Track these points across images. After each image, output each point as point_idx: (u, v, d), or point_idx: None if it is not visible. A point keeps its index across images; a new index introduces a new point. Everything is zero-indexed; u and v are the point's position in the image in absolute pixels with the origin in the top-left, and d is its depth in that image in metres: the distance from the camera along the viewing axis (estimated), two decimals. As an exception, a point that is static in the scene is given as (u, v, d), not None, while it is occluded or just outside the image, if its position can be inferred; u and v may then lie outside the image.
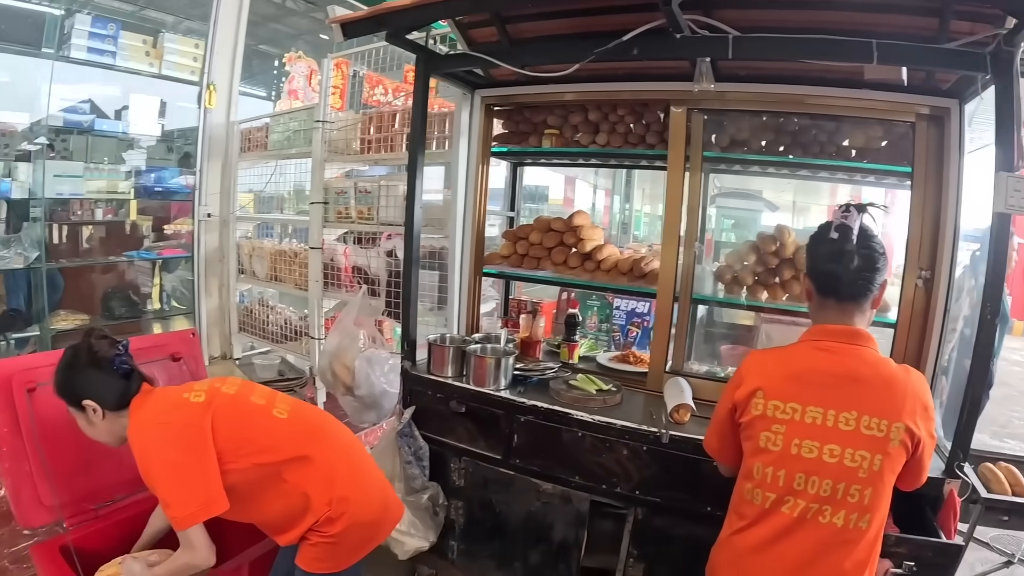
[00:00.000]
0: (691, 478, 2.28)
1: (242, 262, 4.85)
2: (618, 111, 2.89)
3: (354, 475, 2.01)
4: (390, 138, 3.64)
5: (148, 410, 1.89)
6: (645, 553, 2.44)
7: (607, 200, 8.65)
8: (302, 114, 4.23)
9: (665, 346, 2.74)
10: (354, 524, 1.93)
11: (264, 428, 1.94)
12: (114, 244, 5.28)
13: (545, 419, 2.52)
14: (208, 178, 4.76)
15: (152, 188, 4.97)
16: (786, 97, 2.50)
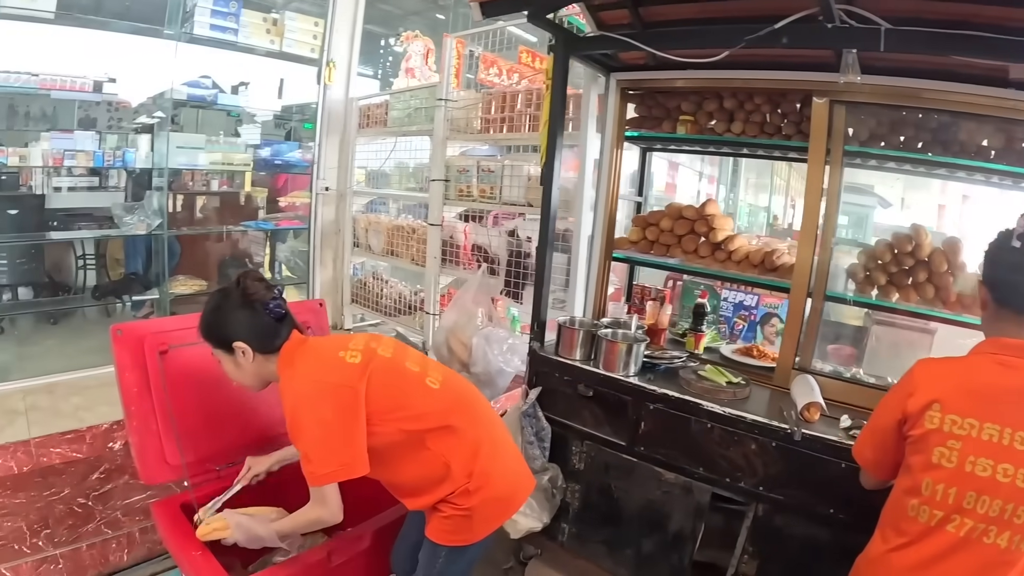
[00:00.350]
0: (817, 478, 2.23)
1: (357, 235, 4.95)
2: (754, 99, 2.82)
3: (496, 449, 2.00)
4: (512, 118, 3.64)
5: (303, 364, 1.89)
6: (760, 550, 2.40)
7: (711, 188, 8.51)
8: (423, 92, 4.27)
9: (796, 342, 2.67)
10: (490, 498, 1.93)
11: (417, 395, 1.93)
12: (228, 214, 5.47)
13: (675, 408, 2.49)
14: (326, 153, 4.86)
15: (271, 161, 5.11)
16: (929, 93, 2.39)
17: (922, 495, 1.54)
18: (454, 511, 1.90)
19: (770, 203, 9.09)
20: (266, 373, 1.97)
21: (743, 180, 8.18)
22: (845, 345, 3.90)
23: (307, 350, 1.93)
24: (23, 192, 4.89)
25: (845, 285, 2.75)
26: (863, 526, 2.15)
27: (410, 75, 5.19)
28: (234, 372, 1.99)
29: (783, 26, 2.17)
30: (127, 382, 2.22)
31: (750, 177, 8.48)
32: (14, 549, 2.67)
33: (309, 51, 4.87)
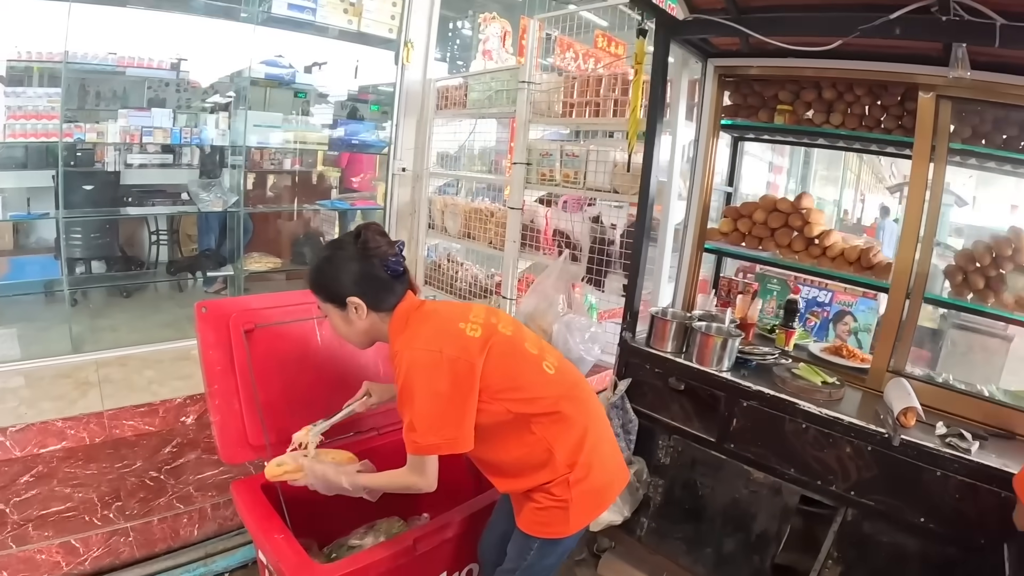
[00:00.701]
0: (910, 486, 2.17)
1: (433, 217, 4.91)
2: (855, 91, 2.70)
3: (599, 441, 1.92)
4: (599, 103, 3.57)
5: (421, 330, 1.80)
6: (845, 556, 2.33)
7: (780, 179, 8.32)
8: (504, 74, 4.22)
9: (892, 345, 2.58)
10: (588, 491, 1.85)
11: (532, 378, 1.85)
12: (301, 193, 5.52)
13: (769, 406, 2.44)
14: (403, 133, 4.85)
15: (346, 140, 5.11)
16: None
17: None
18: (550, 502, 1.83)
19: (840, 197, 8.85)
20: (376, 332, 1.91)
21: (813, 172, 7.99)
22: (919, 348, 3.78)
23: (424, 315, 1.86)
24: (98, 168, 4.98)
25: (941, 287, 2.65)
26: (952, 537, 2.11)
27: (487, 57, 5.16)
28: (342, 327, 1.92)
29: (897, 17, 2.09)
30: (211, 360, 2.23)
31: (819, 169, 8.27)
32: (84, 520, 2.71)
33: (387, 31, 4.85)
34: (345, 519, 2.44)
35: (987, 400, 2.46)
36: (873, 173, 7.33)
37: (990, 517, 2.04)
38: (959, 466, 2.08)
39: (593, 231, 3.60)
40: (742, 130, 3.12)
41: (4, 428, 3.15)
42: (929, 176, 2.49)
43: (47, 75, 4.30)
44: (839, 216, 8.49)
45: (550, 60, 4.74)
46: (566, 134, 4.77)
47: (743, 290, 3.18)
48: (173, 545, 2.83)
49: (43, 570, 2.54)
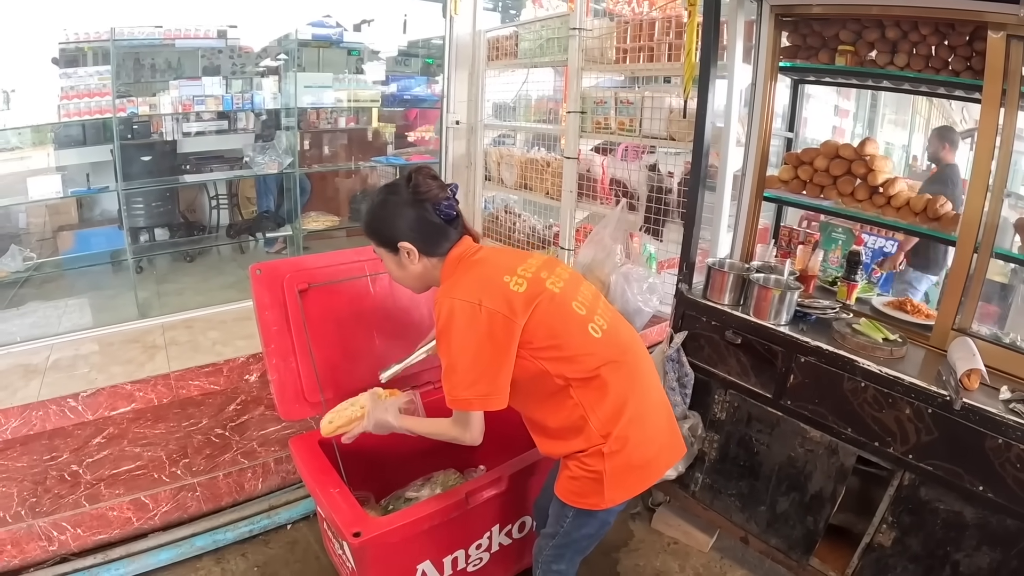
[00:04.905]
0: (972, 452, 2.07)
1: (489, 169, 4.91)
2: (920, 30, 2.52)
3: (645, 413, 1.83)
4: (653, 48, 3.46)
5: (464, 279, 1.77)
6: (900, 521, 2.27)
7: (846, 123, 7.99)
8: (555, 22, 4.13)
9: (958, 301, 2.44)
10: (624, 466, 1.78)
11: (575, 340, 1.77)
12: (357, 151, 5.54)
13: (827, 363, 2.35)
14: (455, 86, 4.81)
15: (399, 96, 5.11)
16: None
17: None
18: (582, 471, 1.78)
19: (909, 142, 8.46)
20: (430, 277, 1.89)
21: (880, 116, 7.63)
22: (987, 303, 3.62)
23: (473, 264, 1.82)
24: (155, 139, 5.09)
25: (1011, 241, 2.51)
26: (1011, 509, 2.01)
27: (538, 5, 5.07)
28: (396, 272, 1.92)
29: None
30: (266, 321, 2.27)
31: (887, 113, 7.90)
32: (154, 478, 2.82)
33: (434, -18, 4.80)
34: (403, 472, 2.50)
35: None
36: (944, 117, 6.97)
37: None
38: (1022, 434, 1.97)
39: (650, 180, 3.53)
40: (802, 72, 2.97)
41: (76, 394, 3.29)
42: (1000, 122, 2.31)
43: (100, 54, 4.41)
44: (907, 163, 8.13)
45: (603, 5, 4.60)
46: (621, 81, 4.64)
47: (804, 240, 3.07)
48: (238, 499, 2.94)
49: (115, 526, 2.66)
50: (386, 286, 2.49)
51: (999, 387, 2.14)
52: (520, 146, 5.31)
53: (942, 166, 4.38)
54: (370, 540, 1.83)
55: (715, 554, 2.90)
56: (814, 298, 2.73)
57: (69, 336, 3.97)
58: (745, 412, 2.64)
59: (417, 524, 1.94)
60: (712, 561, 2.86)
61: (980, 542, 2.10)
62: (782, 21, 2.83)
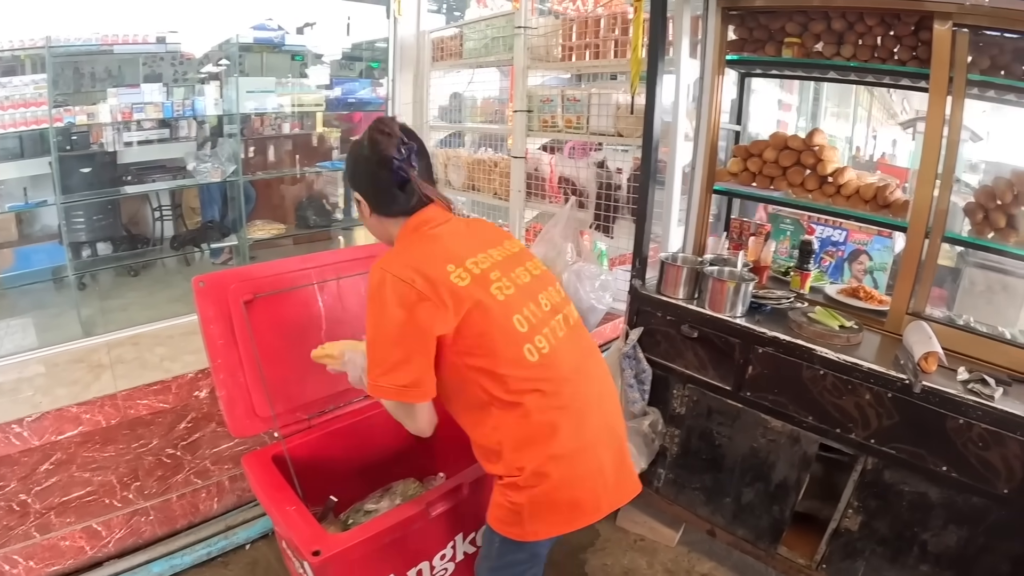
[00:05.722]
0: (933, 434, 2.10)
1: (436, 171, 4.82)
2: (866, 21, 2.55)
3: (577, 452, 1.63)
4: (598, 44, 3.45)
5: (409, 252, 1.65)
6: (866, 505, 2.30)
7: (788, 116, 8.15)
8: (500, 21, 4.10)
9: (911, 286, 2.49)
10: (547, 503, 1.61)
11: (505, 359, 1.59)
12: (302, 156, 5.45)
13: (785, 353, 2.36)
14: (400, 88, 4.75)
15: (344, 100, 5.02)
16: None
17: None
18: (503, 499, 1.64)
19: (852, 133, 8.67)
20: (386, 234, 1.79)
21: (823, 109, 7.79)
22: (937, 287, 3.68)
23: (427, 238, 1.69)
24: (95, 150, 4.93)
25: (960, 225, 2.54)
26: (975, 487, 2.05)
27: (482, 4, 5.04)
28: (361, 218, 1.84)
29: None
30: (212, 334, 2.18)
31: (830, 106, 8.08)
32: (105, 503, 2.72)
33: (376, -16, 4.73)
34: (361, 483, 2.42)
35: (1011, 344, 2.36)
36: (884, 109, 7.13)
37: (1015, 466, 1.97)
38: (982, 413, 2.00)
39: (599, 176, 3.53)
40: (749, 65, 2.98)
41: (21, 419, 3.16)
42: (947, 110, 2.36)
43: (38, 62, 4.25)
44: (851, 154, 8.31)
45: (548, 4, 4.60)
46: (567, 79, 4.62)
47: (755, 232, 3.08)
48: (194, 520, 2.85)
49: (68, 556, 2.55)
50: (334, 293, 2.43)
51: (956, 368, 2.17)
52: (468, 147, 5.27)
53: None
54: (331, 558, 1.76)
55: (683, 548, 2.90)
56: (768, 288, 2.74)
57: (11, 359, 3.81)
58: (705, 405, 2.64)
59: (378, 538, 1.87)
60: (680, 555, 2.86)
61: (947, 521, 2.13)
62: (729, 15, 2.85)
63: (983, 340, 2.37)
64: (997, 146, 5.88)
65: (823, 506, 2.46)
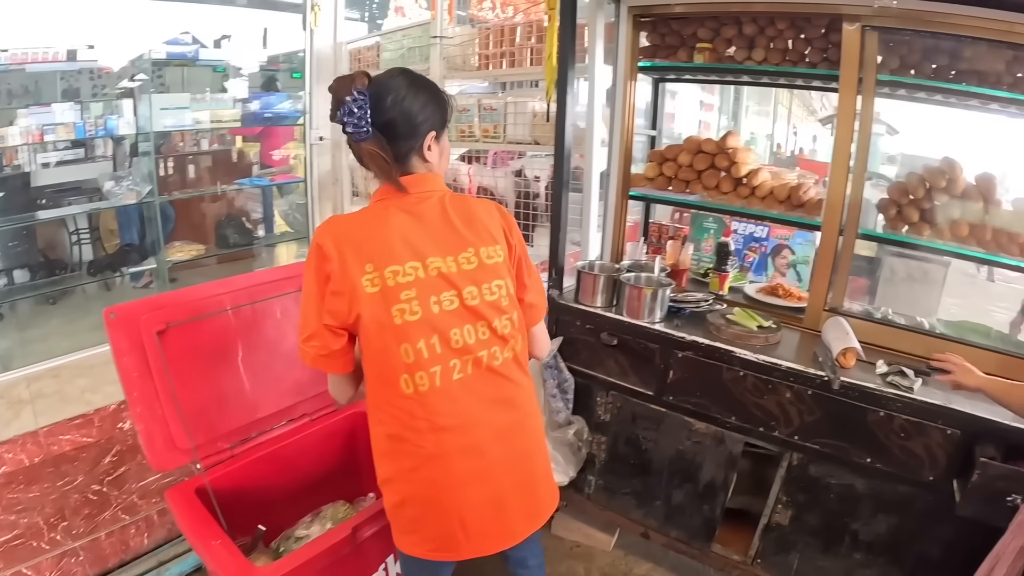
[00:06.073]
0: (855, 428, 2.16)
1: (356, 184, 4.76)
2: (776, 25, 2.61)
3: (446, 500, 1.57)
4: (514, 53, 3.44)
5: (355, 220, 1.56)
6: (795, 500, 2.35)
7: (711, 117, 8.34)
8: (416, 31, 4.06)
9: (827, 283, 2.56)
10: (407, 525, 1.63)
11: (383, 377, 1.54)
12: (222, 173, 5.30)
13: (705, 356, 2.40)
14: (317, 101, 4.65)
15: (260, 114, 4.89)
16: (964, 19, 2.20)
17: None
18: (384, 505, 1.68)
19: (773, 131, 8.91)
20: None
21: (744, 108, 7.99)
22: (857, 277, 3.78)
23: (375, 213, 1.56)
24: (7, 173, 4.72)
25: (875, 221, 2.62)
26: (901, 476, 2.11)
27: (400, 14, 4.98)
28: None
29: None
30: (126, 367, 2.11)
31: (751, 105, 8.28)
32: (32, 546, 2.62)
33: (291, -5, 4.63)
34: (290, 509, 2.37)
35: (928, 334, 2.46)
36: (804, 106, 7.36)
37: (937, 454, 2.04)
38: (902, 405, 2.07)
39: (517, 185, 3.52)
40: (662, 71, 3.02)
41: (-63, 465, 2.99)
42: (857, 109, 2.43)
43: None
44: (772, 150, 8.54)
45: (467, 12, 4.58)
46: (485, 87, 4.60)
47: (674, 235, 3.11)
48: (125, 558, 2.78)
49: (-1, 604, 2.45)
50: (248, 319, 2.36)
51: (875, 362, 2.23)
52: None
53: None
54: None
55: (619, 552, 2.91)
56: (688, 291, 2.78)
57: (-75, 400, 3.64)
58: (629, 411, 2.66)
59: (306, 568, 1.83)
60: (617, 559, 2.87)
61: (875, 510, 2.20)
62: (640, 22, 2.88)
63: (901, 332, 2.45)
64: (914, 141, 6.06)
65: (757, 501, 2.50)
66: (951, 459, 2.00)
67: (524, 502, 1.68)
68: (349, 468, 2.53)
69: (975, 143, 3.94)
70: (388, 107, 1.51)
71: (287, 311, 2.38)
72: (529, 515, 1.71)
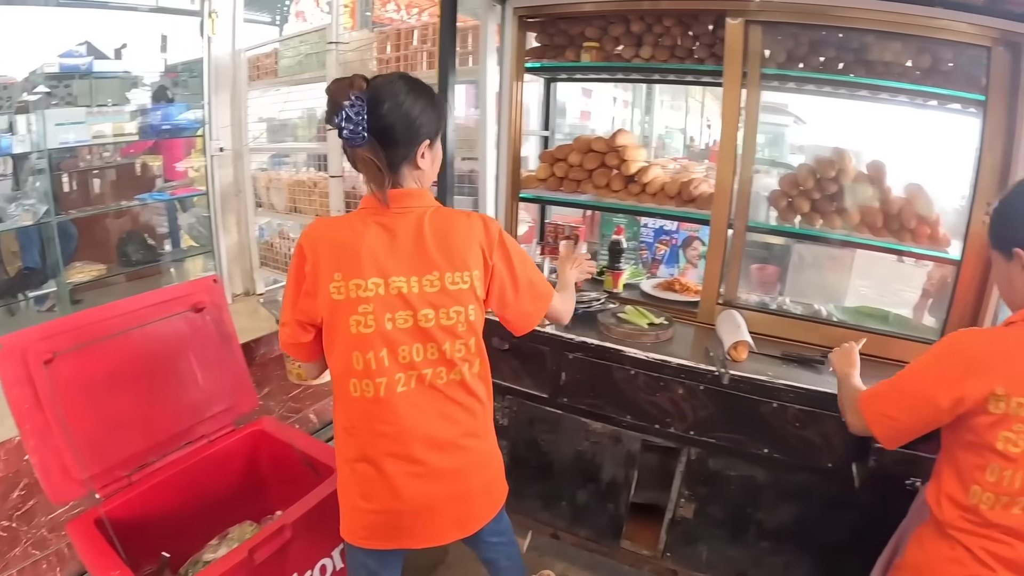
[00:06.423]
0: (750, 420, 2.18)
1: (259, 195, 4.68)
2: (664, 22, 2.64)
3: (380, 491, 1.63)
4: (408, 56, 3.41)
5: (338, 223, 1.60)
6: (697, 493, 2.37)
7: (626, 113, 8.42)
8: (313, 36, 3.99)
9: (718, 276, 2.58)
10: (350, 504, 1.69)
11: (338, 381, 1.62)
12: (126, 188, 5.11)
13: (595, 356, 2.40)
14: (217, 111, 4.52)
15: (159, 127, 4.72)
16: (847, 11, 2.25)
17: (986, 481, 1.39)
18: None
19: (686, 124, 9.06)
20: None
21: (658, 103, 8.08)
22: (769, 265, 3.84)
23: (352, 221, 1.58)
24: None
25: (767, 213, 2.66)
26: (799, 464, 2.14)
27: (300, 18, 4.88)
28: None
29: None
30: (16, 399, 2.02)
31: (665, 99, 8.40)
32: None
33: (189, 2, 4.49)
34: (197, 532, 2.30)
35: (824, 322, 2.51)
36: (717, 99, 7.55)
37: (834, 441, 2.07)
38: (794, 395, 2.10)
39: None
40: (552, 71, 3.02)
41: None
42: (742, 103, 2.46)
43: None
44: (686, 143, 8.69)
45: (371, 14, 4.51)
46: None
47: (568, 235, 3.11)
48: (39, 596, 2.63)
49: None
50: (138, 342, 2.27)
51: (771, 353, 2.27)
52: (302, 167, 5.10)
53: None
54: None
55: (533, 553, 2.89)
56: (582, 291, 2.77)
57: None
58: (526, 415, 2.64)
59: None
60: (531, 560, 2.85)
61: (778, 499, 2.22)
62: (529, 22, 2.88)
63: (797, 321, 2.48)
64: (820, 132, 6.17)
65: (664, 496, 2.50)
66: (848, 446, 2.03)
67: (455, 512, 1.72)
68: (254, 487, 2.47)
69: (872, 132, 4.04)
70: (385, 113, 1.49)
71: (178, 332, 2.32)
72: (458, 524, 1.75)
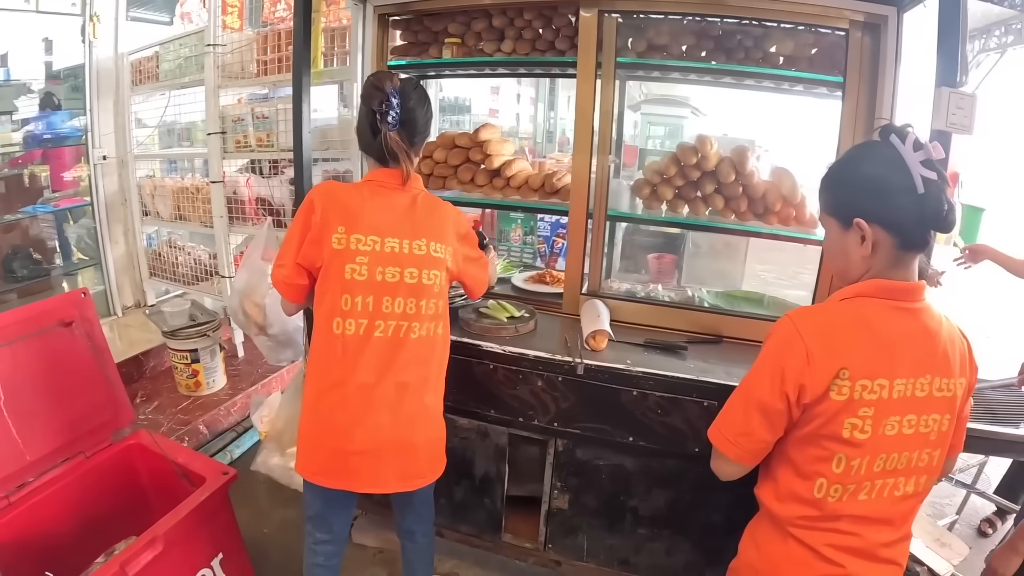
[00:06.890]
0: (612, 409, 2.22)
1: (145, 203, 4.55)
2: (524, 16, 2.67)
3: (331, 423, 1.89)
4: (287, 58, 3.38)
5: (347, 188, 1.94)
6: (568, 484, 2.40)
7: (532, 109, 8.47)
8: (192, 38, 3.90)
9: (580, 266, 2.62)
10: (306, 440, 1.95)
11: (324, 311, 1.90)
12: (13, 200, 4.92)
13: (454, 352, 2.37)
14: (100, 118, 4.38)
15: (41, 136, 4.55)
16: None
17: (832, 473, 1.36)
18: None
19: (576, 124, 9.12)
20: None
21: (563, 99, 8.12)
22: (665, 253, 3.91)
23: (360, 189, 1.94)
24: None
25: (631, 202, 2.70)
26: (667, 451, 2.18)
27: (187, 20, 4.74)
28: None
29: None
30: None
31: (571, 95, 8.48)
32: None
33: (70, 5, 4.33)
34: (83, 550, 2.24)
35: (692, 308, 2.56)
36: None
37: (699, 426, 2.09)
38: (654, 382, 2.13)
39: (292, 193, 3.45)
40: (418, 69, 3.00)
41: None
42: (597, 93, 2.50)
43: None
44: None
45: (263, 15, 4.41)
46: (266, 94, 4.49)
47: (473, 227, 3.13)
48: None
49: None
50: (6, 360, 2.18)
51: (636, 340, 2.31)
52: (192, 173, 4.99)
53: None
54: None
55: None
56: (451, 287, 2.77)
57: None
58: (393, 414, 2.62)
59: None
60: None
61: (650, 485, 2.26)
62: (392, 20, 2.88)
63: (664, 309, 2.53)
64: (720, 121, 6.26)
65: (539, 486, 2.52)
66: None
67: (399, 462, 1.94)
68: (136, 502, 2.44)
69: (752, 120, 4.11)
70: (412, 107, 1.90)
71: (47, 348, 2.28)
72: (401, 476, 1.97)
